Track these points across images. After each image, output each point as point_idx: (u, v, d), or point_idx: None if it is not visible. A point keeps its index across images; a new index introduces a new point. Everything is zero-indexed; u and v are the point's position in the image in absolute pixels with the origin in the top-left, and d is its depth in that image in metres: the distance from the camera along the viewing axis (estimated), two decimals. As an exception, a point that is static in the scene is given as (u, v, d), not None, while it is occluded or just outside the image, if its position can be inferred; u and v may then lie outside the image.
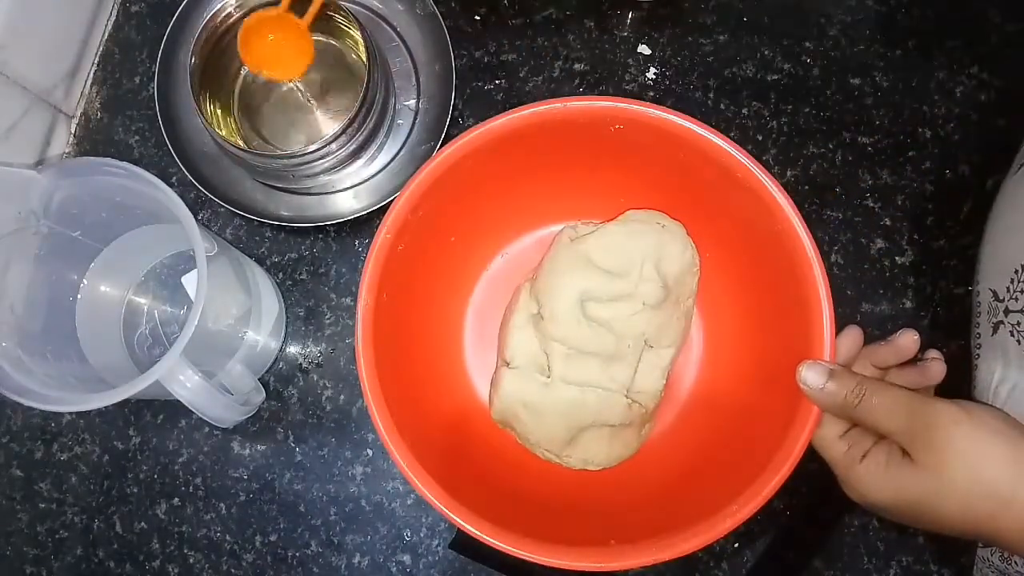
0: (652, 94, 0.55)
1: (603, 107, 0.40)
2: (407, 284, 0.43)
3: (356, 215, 0.51)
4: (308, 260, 0.54)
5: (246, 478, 0.52)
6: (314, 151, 0.48)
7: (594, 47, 0.56)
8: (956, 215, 0.52)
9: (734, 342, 0.46)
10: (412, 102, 0.55)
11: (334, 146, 0.49)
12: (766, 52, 0.55)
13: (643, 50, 0.56)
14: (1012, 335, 0.38)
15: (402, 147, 0.54)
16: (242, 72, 0.54)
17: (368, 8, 0.56)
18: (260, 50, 0.48)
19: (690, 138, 0.40)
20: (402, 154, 0.54)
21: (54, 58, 0.55)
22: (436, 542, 0.50)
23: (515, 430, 0.46)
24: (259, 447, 0.52)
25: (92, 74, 0.58)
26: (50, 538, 0.52)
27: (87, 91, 0.58)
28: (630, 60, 0.55)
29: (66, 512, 0.53)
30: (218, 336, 0.46)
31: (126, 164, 0.41)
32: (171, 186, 0.41)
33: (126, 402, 0.45)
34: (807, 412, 0.37)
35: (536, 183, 0.46)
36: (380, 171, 0.54)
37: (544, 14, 0.56)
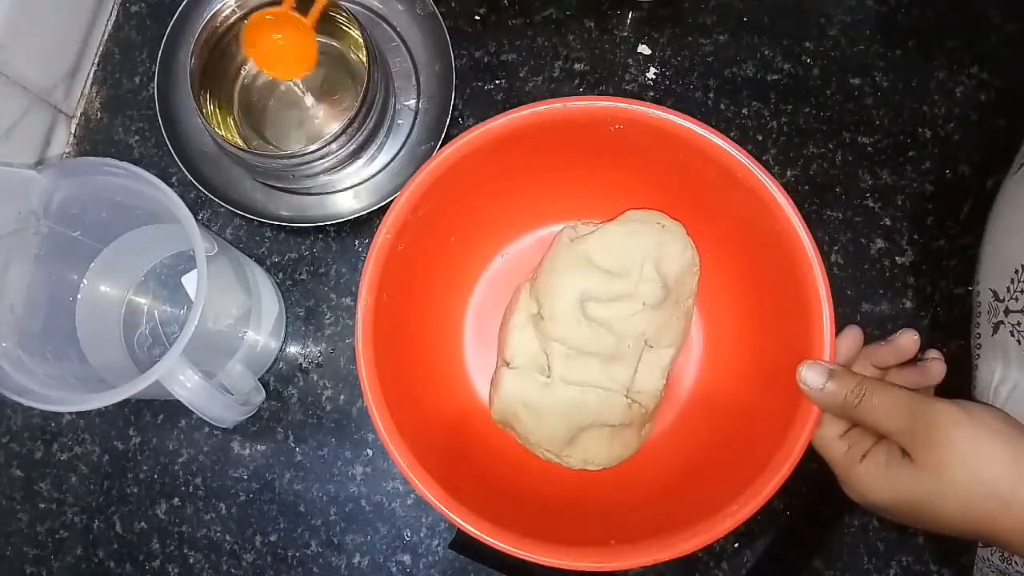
0: (652, 94, 0.55)
1: (603, 107, 0.40)
2: (407, 284, 0.43)
3: (356, 215, 0.51)
4: (308, 260, 0.54)
5: (246, 478, 0.52)
6: (314, 151, 0.48)
7: (594, 47, 0.56)
8: (956, 215, 0.52)
9: (734, 342, 0.46)
10: (412, 102, 0.55)
11: (334, 146, 0.49)
12: (766, 52, 0.55)
13: (643, 50, 0.56)
14: (1012, 335, 0.38)
15: (402, 147, 0.54)
16: (242, 72, 0.54)
17: (368, 8, 0.56)
18: (265, 49, 0.48)
19: (690, 138, 0.40)
20: (402, 154, 0.54)
21: (54, 58, 0.55)
22: (436, 542, 0.50)
23: (515, 430, 0.46)
24: (259, 447, 0.52)
25: (92, 74, 0.58)
26: (50, 538, 0.52)
27: (87, 91, 0.58)
28: (630, 60, 0.55)
29: (66, 512, 0.53)
30: (218, 336, 0.46)
31: (126, 164, 0.41)
32: (171, 186, 0.41)
33: (126, 402, 0.45)
34: (807, 412, 0.37)
35: (536, 183, 0.46)
36: (380, 171, 0.54)
37: (544, 14, 0.56)
